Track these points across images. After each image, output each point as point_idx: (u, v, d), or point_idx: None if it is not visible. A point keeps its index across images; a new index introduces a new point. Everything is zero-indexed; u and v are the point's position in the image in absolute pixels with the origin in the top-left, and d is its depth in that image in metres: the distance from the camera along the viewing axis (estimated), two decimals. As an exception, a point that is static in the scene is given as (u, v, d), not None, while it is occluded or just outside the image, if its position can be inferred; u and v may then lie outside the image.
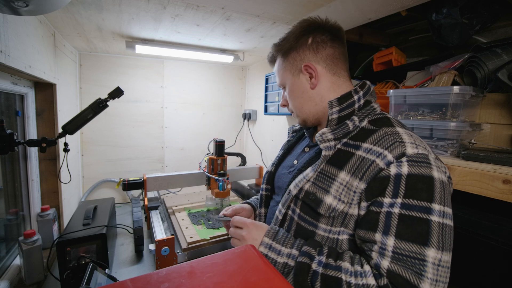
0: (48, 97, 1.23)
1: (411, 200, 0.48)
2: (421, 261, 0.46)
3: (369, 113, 0.63)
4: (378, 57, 1.25)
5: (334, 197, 0.56)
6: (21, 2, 0.58)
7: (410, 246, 0.47)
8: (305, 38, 0.66)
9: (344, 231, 0.56)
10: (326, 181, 0.58)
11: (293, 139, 0.84)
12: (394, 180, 0.50)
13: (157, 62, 1.97)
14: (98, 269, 0.69)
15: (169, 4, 0.99)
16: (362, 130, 0.60)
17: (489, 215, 0.76)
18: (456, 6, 0.92)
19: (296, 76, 0.68)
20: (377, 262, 0.49)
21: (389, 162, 0.51)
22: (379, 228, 0.50)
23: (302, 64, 0.66)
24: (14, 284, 0.96)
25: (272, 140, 1.96)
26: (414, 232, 0.47)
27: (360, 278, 0.49)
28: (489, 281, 0.75)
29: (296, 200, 0.62)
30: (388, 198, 0.50)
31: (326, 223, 0.58)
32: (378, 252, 0.49)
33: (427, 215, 0.47)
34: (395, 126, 0.57)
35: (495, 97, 0.89)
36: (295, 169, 0.71)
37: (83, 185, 1.82)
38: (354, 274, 0.50)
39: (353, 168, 0.55)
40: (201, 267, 0.46)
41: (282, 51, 0.70)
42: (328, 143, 0.61)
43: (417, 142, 0.54)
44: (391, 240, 0.48)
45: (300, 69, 0.67)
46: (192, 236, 1.14)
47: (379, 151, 0.53)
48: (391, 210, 0.49)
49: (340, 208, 0.55)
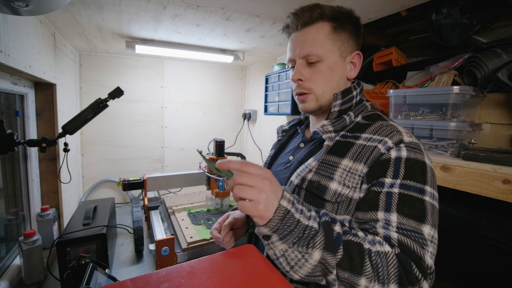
0: (48, 97, 1.23)
1: (408, 181, 0.52)
2: (421, 235, 0.49)
3: (362, 110, 0.66)
4: (378, 57, 1.25)
5: (338, 182, 0.57)
6: (21, 2, 0.58)
7: (411, 222, 0.50)
8: (362, 26, 0.66)
9: (346, 219, 0.56)
10: (329, 169, 0.59)
11: (284, 138, 0.83)
12: (394, 162, 0.54)
13: (157, 62, 1.97)
14: (98, 269, 0.69)
15: (169, 4, 0.99)
16: (358, 124, 0.63)
17: (489, 215, 0.76)
18: (456, 6, 0.92)
19: (343, 58, 0.64)
20: (386, 234, 0.49)
21: (389, 147, 0.55)
22: (380, 206, 0.52)
23: (355, 51, 0.65)
24: (14, 284, 0.96)
25: (272, 140, 1.96)
26: (413, 210, 0.50)
27: (378, 245, 0.47)
28: (489, 281, 0.75)
29: (299, 191, 0.61)
30: (389, 179, 0.53)
31: (331, 210, 0.57)
32: (383, 228, 0.50)
33: (422, 195, 0.51)
34: (388, 120, 0.62)
35: (495, 97, 0.89)
36: (292, 163, 0.69)
37: (83, 185, 1.82)
38: (372, 242, 0.48)
39: (355, 154, 0.57)
40: (201, 267, 0.46)
41: (339, 21, 0.62)
42: (329, 134, 0.62)
43: (409, 133, 0.59)
44: (394, 216, 0.50)
45: (351, 53, 0.64)
46: (192, 236, 1.14)
47: (380, 138, 0.57)
48: (391, 190, 0.52)
49: (346, 192, 0.56)
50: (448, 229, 0.80)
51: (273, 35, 1.36)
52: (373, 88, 1.23)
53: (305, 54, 0.62)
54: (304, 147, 0.71)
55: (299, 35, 0.64)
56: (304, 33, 0.63)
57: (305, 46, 0.62)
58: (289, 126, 0.85)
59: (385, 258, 0.46)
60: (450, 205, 0.84)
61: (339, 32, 0.62)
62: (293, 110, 1.45)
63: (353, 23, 0.64)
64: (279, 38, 1.40)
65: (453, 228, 0.80)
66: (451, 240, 0.80)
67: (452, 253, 0.79)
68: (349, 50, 0.64)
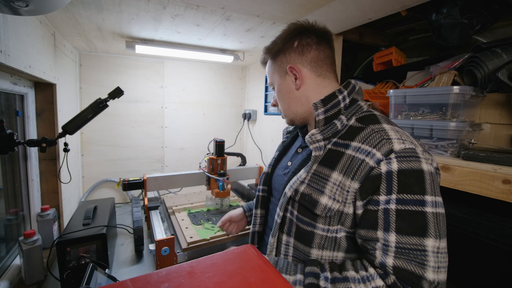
0: (48, 97, 1.23)
1: (405, 195, 0.50)
2: (422, 251, 0.48)
3: (356, 111, 0.64)
4: (378, 57, 1.25)
5: (329, 197, 0.57)
6: (21, 2, 0.58)
7: (410, 239, 0.49)
8: (292, 41, 0.68)
9: (341, 229, 0.58)
10: (320, 182, 0.59)
11: (287, 140, 0.86)
12: (386, 177, 0.52)
13: (157, 62, 1.97)
14: (98, 269, 0.69)
15: (169, 4, 0.99)
16: (351, 128, 0.61)
17: (489, 215, 0.76)
18: (456, 6, 0.92)
19: (283, 77, 0.71)
20: (382, 261, 0.50)
21: (379, 160, 0.52)
22: (379, 225, 0.51)
23: (288, 65, 0.68)
24: (14, 284, 0.96)
25: (272, 140, 1.96)
26: (413, 225, 0.49)
27: (369, 283, 0.50)
28: (489, 281, 0.75)
29: (293, 202, 0.63)
30: (383, 196, 0.52)
31: (323, 223, 0.59)
32: (381, 250, 0.51)
33: (421, 207, 0.50)
34: (381, 123, 0.59)
35: (495, 97, 0.89)
36: (289, 171, 0.72)
37: (83, 185, 1.82)
38: (362, 280, 0.51)
39: (344, 167, 0.57)
40: (201, 267, 0.46)
41: (271, 54, 0.73)
42: (317, 143, 0.62)
43: (403, 137, 0.55)
44: (392, 236, 0.50)
45: (286, 70, 0.69)
46: (192, 236, 1.14)
47: (368, 149, 0.55)
48: (388, 206, 0.51)
49: (336, 207, 0.56)
50: (448, 229, 0.80)
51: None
52: (373, 88, 1.23)
53: (269, 84, 0.78)
54: (300, 153, 0.75)
55: None
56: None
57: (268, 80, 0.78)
58: (294, 127, 0.88)
59: None
60: (450, 205, 0.84)
61: (274, 61, 0.72)
62: (293, 110, 1.45)
63: (281, 49, 0.70)
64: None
65: (453, 228, 0.80)
66: (451, 240, 0.80)
67: (452, 253, 0.79)
68: (284, 69, 0.70)
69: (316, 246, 0.59)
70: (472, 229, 0.77)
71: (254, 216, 0.83)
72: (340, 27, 1.15)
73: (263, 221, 0.82)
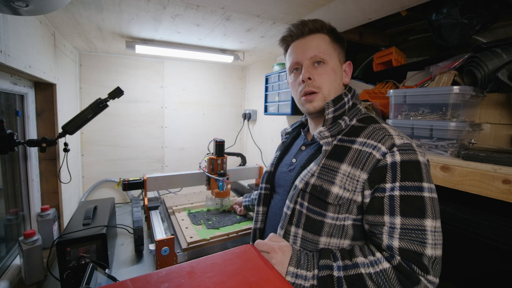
0: (48, 97, 1.23)
1: (406, 182, 0.57)
2: (423, 231, 0.55)
3: (356, 113, 0.71)
4: (378, 57, 1.25)
5: (339, 186, 0.62)
6: (21, 2, 0.58)
7: (413, 220, 0.56)
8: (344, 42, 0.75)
9: (348, 217, 0.63)
10: (330, 174, 0.64)
11: (288, 140, 0.89)
12: (391, 167, 0.58)
13: (157, 62, 1.97)
14: (98, 269, 0.69)
15: (169, 4, 0.99)
16: (353, 127, 0.68)
17: (489, 215, 0.76)
18: (456, 6, 0.92)
19: (341, 64, 0.75)
20: (388, 243, 0.56)
21: (384, 153, 0.59)
22: (385, 210, 0.58)
23: (347, 60, 0.76)
24: (14, 284, 0.96)
25: (272, 140, 1.96)
26: (414, 209, 0.56)
27: (376, 266, 0.55)
28: (489, 281, 0.75)
29: (304, 194, 0.67)
30: (389, 184, 0.58)
31: (333, 211, 0.63)
32: (388, 233, 0.57)
33: (420, 192, 0.57)
34: (380, 123, 0.67)
35: (495, 97, 0.89)
36: (295, 167, 0.76)
37: (83, 185, 1.82)
38: (371, 264, 0.56)
39: (353, 160, 0.63)
40: (201, 267, 0.46)
41: (334, 35, 0.73)
42: (326, 139, 0.68)
43: (400, 134, 0.63)
44: (398, 219, 0.56)
45: (344, 62, 0.76)
46: (192, 236, 1.14)
47: (373, 144, 0.62)
48: (393, 193, 0.58)
49: (346, 195, 0.61)
50: (448, 229, 0.80)
51: (273, 35, 1.36)
52: (373, 88, 1.23)
53: (313, 55, 0.70)
54: (305, 150, 0.78)
55: (304, 41, 0.72)
56: (309, 39, 0.71)
57: (311, 49, 0.70)
58: (292, 128, 0.92)
59: (385, 274, 0.54)
60: (450, 205, 0.84)
61: (336, 43, 0.73)
62: (293, 110, 1.45)
63: (342, 40, 0.75)
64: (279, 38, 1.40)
65: (453, 228, 0.80)
66: (451, 240, 0.80)
67: (452, 253, 0.79)
68: (343, 59, 0.75)
69: (325, 234, 0.63)
70: (472, 229, 0.77)
71: (256, 213, 0.85)
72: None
73: (264, 218, 0.84)
